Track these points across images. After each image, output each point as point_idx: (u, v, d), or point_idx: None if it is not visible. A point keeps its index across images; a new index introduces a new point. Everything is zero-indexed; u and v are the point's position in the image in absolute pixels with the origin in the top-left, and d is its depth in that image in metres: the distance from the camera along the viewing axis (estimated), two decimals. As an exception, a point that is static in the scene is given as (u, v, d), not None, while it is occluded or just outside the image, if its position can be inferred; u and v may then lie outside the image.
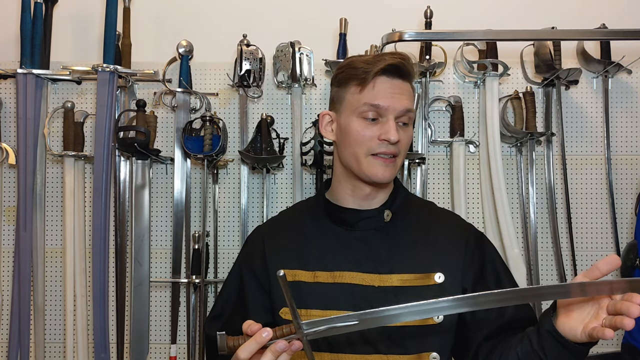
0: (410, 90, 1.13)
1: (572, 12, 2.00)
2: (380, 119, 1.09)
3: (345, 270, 1.11)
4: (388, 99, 1.08)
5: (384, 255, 1.12)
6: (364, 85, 1.09)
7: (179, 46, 1.93)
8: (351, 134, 1.10)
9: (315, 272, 1.12)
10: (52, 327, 1.97)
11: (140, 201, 1.92)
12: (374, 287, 1.09)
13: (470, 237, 1.17)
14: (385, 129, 1.08)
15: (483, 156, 1.94)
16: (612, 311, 0.88)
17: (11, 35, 2.00)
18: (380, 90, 1.08)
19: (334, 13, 1.95)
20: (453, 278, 1.11)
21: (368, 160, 1.09)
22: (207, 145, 1.88)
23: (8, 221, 1.98)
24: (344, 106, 1.13)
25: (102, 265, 1.86)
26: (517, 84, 1.98)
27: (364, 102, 1.08)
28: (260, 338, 0.90)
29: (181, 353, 1.92)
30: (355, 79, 1.10)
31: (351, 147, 1.11)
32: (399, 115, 1.09)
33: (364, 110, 1.09)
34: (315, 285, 1.11)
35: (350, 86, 1.12)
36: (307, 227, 1.19)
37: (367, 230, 1.15)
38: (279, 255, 1.17)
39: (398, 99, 1.08)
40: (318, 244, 1.16)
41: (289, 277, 1.12)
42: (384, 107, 1.08)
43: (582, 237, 1.96)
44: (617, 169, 1.96)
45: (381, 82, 1.09)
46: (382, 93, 1.08)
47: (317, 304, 1.10)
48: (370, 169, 1.09)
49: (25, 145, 1.87)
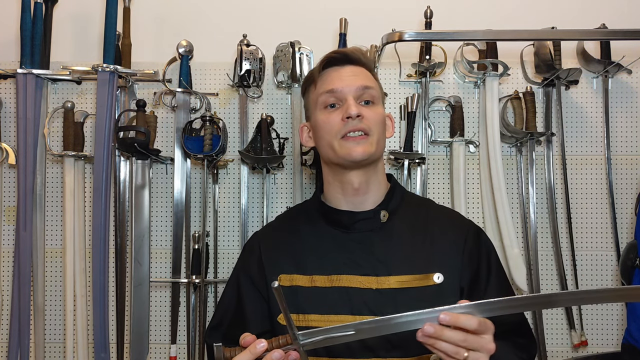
0: (366, 73, 1.17)
1: (572, 12, 2.00)
2: (341, 103, 1.14)
3: (342, 274, 1.11)
4: (340, 81, 1.14)
5: (382, 257, 1.12)
6: (316, 81, 1.17)
7: (179, 46, 1.93)
8: (319, 126, 1.15)
9: (313, 277, 1.12)
10: (52, 327, 1.97)
11: (140, 201, 1.92)
12: (372, 290, 1.09)
13: (469, 235, 1.17)
14: (344, 108, 1.12)
15: (483, 156, 1.94)
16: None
17: (11, 35, 2.00)
18: (331, 77, 1.16)
19: (334, 13, 1.95)
20: (452, 278, 1.10)
21: (340, 143, 1.12)
22: (207, 145, 1.88)
23: (8, 221, 1.98)
24: (310, 108, 1.20)
25: (102, 265, 1.86)
26: (517, 84, 1.98)
27: (320, 93, 1.15)
28: (255, 349, 0.90)
29: (181, 353, 1.92)
30: (310, 82, 1.19)
31: (323, 139, 1.15)
32: (358, 94, 1.13)
33: (323, 100, 1.15)
34: (313, 290, 1.11)
35: (309, 89, 1.20)
36: (303, 231, 1.19)
37: (364, 232, 1.14)
38: (275, 261, 1.16)
39: (351, 80, 1.14)
40: (315, 248, 1.15)
41: (286, 282, 1.12)
42: (338, 89, 1.13)
43: (582, 237, 1.96)
44: (617, 169, 1.96)
45: (331, 71, 1.17)
46: (333, 79, 1.15)
47: (315, 309, 1.09)
48: (344, 150, 1.12)
49: (25, 145, 1.87)
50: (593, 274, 1.95)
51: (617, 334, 1.93)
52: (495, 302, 0.87)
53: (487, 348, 0.86)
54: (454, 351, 0.84)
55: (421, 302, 1.07)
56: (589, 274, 1.95)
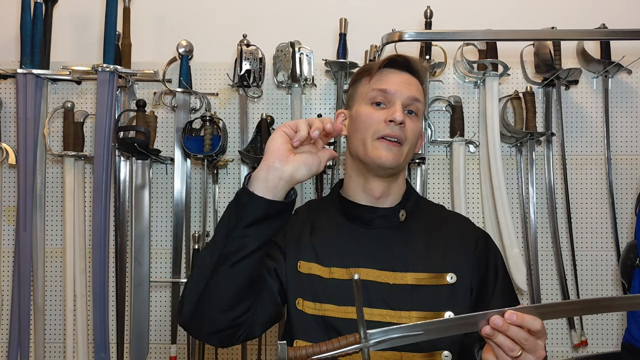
0: (419, 85, 1.19)
1: (572, 12, 2.00)
2: (388, 104, 1.14)
3: (360, 267, 1.12)
4: (395, 84, 1.15)
5: (400, 254, 1.14)
6: (372, 75, 1.17)
7: (179, 46, 1.93)
8: (360, 119, 1.15)
9: (331, 269, 1.13)
10: (52, 327, 1.97)
11: (140, 201, 1.92)
12: (389, 285, 1.11)
13: (479, 240, 1.20)
14: (391, 111, 1.12)
15: (483, 156, 1.94)
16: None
17: (11, 35, 2.00)
18: (388, 77, 1.16)
19: (334, 13, 1.95)
20: (463, 278, 1.13)
21: (374, 144, 1.13)
22: (207, 145, 1.88)
23: (8, 221, 1.98)
24: (356, 98, 1.20)
25: (102, 265, 1.86)
26: (517, 84, 1.98)
27: (372, 88, 1.16)
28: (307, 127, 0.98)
29: (181, 353, 1.92)
30: (365, 74, 1.20)
31: (360, 132, 1.15)
32: (407, 102, 1.14)
33: (372, 96, 1.15)
34: (331, 281, 1.12)
35: (361, 80, 1.20)
36: (322, 224, 1.20)
37: (383, 229, 1.16)
38: (297, 244, 1.17)
39: (405, 87, 1.15)
40: (334, 241, 1.17)
41: (305, 269, 1.14)
42: (390, 91, 1.14)
43: (582, 237, 1.96)
44: (617, 169, 1.96)
45: (389, 72, 1.17)
46: (389, 80, 1.16)
47: (332, 299, 1.11)
48: (375, 152, 1.12)
49: (25, 145, 1.87)
50: (593, 274, 1.95)
51: (617, 334, 1.94)
52: (557, 304, 0.88)
53: (540, 353, 0.87)
54: (510, 347, 0.84)
55: (436, 300, 1.10)
56: (589, 274, 1.95)
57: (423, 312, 1.09)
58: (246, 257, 0.96)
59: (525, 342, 0.84)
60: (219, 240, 0.97)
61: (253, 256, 0.97)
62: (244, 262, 0.96)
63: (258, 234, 0.96)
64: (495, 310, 0.85)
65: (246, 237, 0.95)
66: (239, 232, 0.95)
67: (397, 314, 1.08)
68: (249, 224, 0.95)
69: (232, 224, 0.96)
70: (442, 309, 1.09)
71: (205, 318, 1.00)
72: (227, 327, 1.01)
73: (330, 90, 2.00)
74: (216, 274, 0.97)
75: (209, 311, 0.99)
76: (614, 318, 1.94)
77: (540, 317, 0.86)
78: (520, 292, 1.87)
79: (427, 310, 1.09)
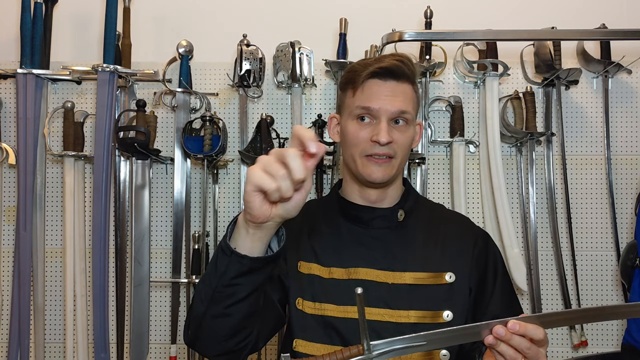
0: (408, 91, 1.14)
1: (572, 12, 2.00)
2: (373, 120, 1.12)
3: (359, 267, 1.12)
4: (379, 100, 1.11)
5: (398, 254, 1.14)
6: (355, 89, 1.13)
7: (179, 46, 1.93)
8: (347, 136, 1.14)
9: (331, 269, 1.14)
10: (52, 327, 1.97)
11: (140, 201, 1.92)
12: (388, 284, 1.11)
13: (478, 239, 1.20)
14: (376, 131, 1.10)
15: (483, 156, 1.94)
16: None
17: (11, 35, 2.00)
18: (371, 92, 1.12)
19: (334, 13, 1.95)
20: (462, 278, 1.13)
21: (362, 161, 1.12)
22: (207, 145, 1.88)
23: (8, 221, 1.98)
24: (344, 109, 1.18)
25: (102, 265, 1.86)
26: (517, 84, 1.98)
27: (356, 105, 1.12)
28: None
29: (181, 353, 1.92)
30: (350, 83, 1.15)
31: (348, 149, 1.15)
32: (392, 117, 1.11)
33: (357, 113, 1.12)
34: (330, 281, 1.12)
35: (347, 90, 1.16)
36: (321, 224, 1.20)
37: (381, 229, 1.17)
38: (297, 245, 1.17)
39: (390, 101, 1.11)
40: (333, 241, 1.17)
41: (305, 269, 1.14)
42: (374, 109, 1.11)
43: (582, 237, 1.96)
44: (617, 169, 1.96)
45: (372, 85, 1.12)
46: (373, 95, 1.11)
47: (331, 299, 1.11)
48: (365, 170, 1.12)
49: (25, 145, 1.87)
50: (593, 274, 1.95)
51: (617, 334, 1.93)
52: (559, 313, 0.88)
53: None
54: (513, 356, 0.85)
55: (434, 299, 1.10)
56: (589, 274, 1.95)
57: (422, 311, 1.09)
58: (240, 301, 0.91)
59: (527, 351, 0.84)
60: (212, 279, 0.90)
61: (247, 300, 0.91)
62: (239, 306, 0.91)
63: (249, 282, 0.89)
64: (498, 320, 0.86)
65: (237, 285, 0.89)
66: (228, 281, 0.88)
67: (396, 313, 1.08)
68: (236, 276, 0.88)
69: (221, 269, 0.88)
70: (441, 308, 1.10)
71: (208, 346, 0.98)
72: (230, 352, 0.99)
73: (330, 90, 2.00)
74: (211, 310, 0.92)
75: (210, 340, 0.97)
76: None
77: (542, 327, 0.86)
78: (520, 292, 1.87)
79: (425, 310, 1.09)
